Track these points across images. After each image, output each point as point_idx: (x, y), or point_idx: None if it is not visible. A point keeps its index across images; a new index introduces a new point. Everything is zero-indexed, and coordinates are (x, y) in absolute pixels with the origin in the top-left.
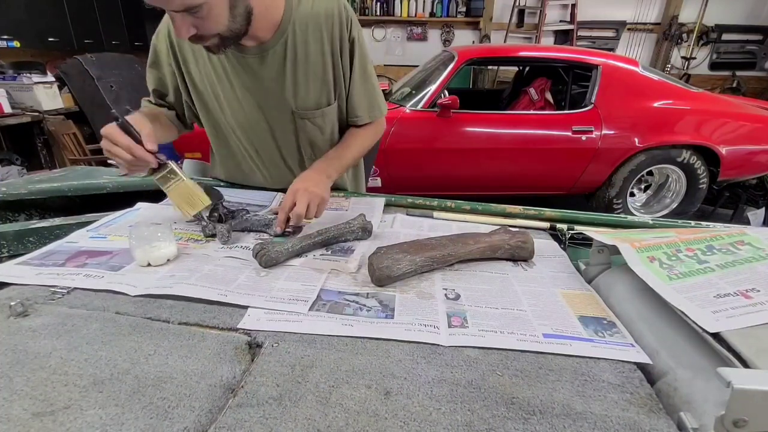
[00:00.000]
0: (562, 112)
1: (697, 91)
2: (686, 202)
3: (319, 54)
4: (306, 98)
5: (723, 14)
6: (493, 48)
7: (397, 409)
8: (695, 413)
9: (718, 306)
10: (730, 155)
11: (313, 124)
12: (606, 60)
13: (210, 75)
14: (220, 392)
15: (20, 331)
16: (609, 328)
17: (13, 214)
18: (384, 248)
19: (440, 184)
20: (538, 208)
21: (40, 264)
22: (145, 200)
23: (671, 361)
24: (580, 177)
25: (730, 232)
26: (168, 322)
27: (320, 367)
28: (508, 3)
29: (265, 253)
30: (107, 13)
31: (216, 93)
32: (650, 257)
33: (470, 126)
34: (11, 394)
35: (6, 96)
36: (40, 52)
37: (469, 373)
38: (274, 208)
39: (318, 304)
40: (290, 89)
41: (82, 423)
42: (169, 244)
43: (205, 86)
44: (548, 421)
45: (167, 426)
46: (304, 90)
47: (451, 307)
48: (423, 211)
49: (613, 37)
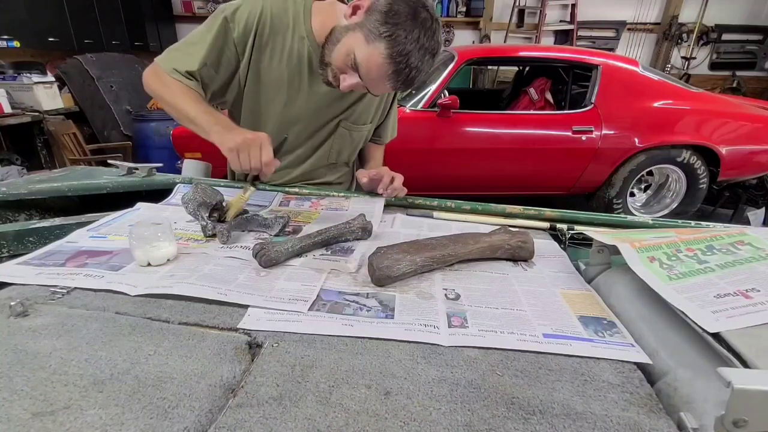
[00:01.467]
0: (562, 112)
1: (697, 91)
2: (686, 202)
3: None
4: (357, 116)
5: (723, 14)
6: (493, 48)
7: (397, 409)
8: (695, 413)
9: (718, 306)
10: (730, 155)
11: (350, 136)
12: (606, 60)
13: (282, 72)
14: (220, 392)
15: (20, 331)
16: (609, 328)
17: (13, 214)
18: (384, 248)
19: (440, 184)
20: (538, 208)
21: (41, 264)
22: (145, 200)
23: (671, 361)
24: (580, 177)
25: (730, 232)
26: (168, 322)
27: (320, 367)
28: (508, 3)
29: (265, 253)
30: (107, 13)
31: (279, 87)
32: (650, 257)
33: (470, 126)
34: (11, 394)
35: (6, 96)
36: (40, 52)
37: (469, 373)
38: (274, 208)
39: (318, 304)
40: (350, 107)
41: (82, 423)
42: (169, 244)
43: (271, 79)
44: (548, 421)
45: (167, 426)
46: (359, 110)
47: (451, 307)
48: (423, 211)
49: (613, 37)
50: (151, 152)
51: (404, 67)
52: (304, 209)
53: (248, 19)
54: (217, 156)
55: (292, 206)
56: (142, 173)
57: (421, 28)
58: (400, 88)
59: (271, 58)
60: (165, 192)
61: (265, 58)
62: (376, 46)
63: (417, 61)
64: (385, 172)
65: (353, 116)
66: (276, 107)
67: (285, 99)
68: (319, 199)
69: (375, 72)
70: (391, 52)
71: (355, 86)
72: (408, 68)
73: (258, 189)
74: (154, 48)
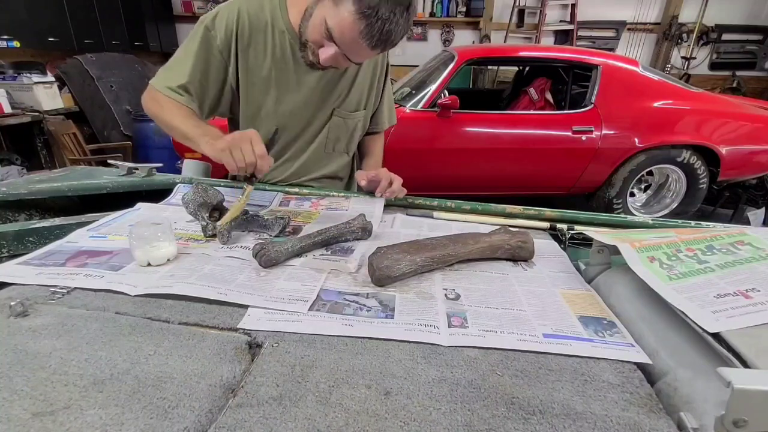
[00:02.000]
0: (562, 112)
1: (697, 91)
2: (686, 202)
3: (370, 68)
4: (350, 103)
5: (723, 14)
6: (493, 48)
7: (397, 409)
8: (695, 413)
9: (718, 306)
10: (730, 155)
11: (345, 123)
12: (606, 60)
13: (269, 69)
14: (220, 392)
15: (20, 331)
16: (609, 328)
17: (13, 214)
18: (384, 248)
19: (440, 184)
20: (538, 208)
21: (41, 264)
22: (145, 200)
23: (671, 361)
24: (580, 177)
25: (730, 232)
26: (168, 322)
27: (320, 367)
28: (508, 3)
29: (265, 253)
30: (107, 13)
31: (268, 85)
32: (650, 257)
33: (470, 126)
34: (11, 394)
35: (6, 96)
36: (40, 52)
37: (469, 373)
38: (274, 209)
39: (318, 304)
40: (342, 94)
41: (82, 423)
42: (169, 244)
43: (259, 78)
44: (548, 421)
45: (167, 426)
46: (351, 96)
47: (451, 307)
48: (423, 211)
49: (613, 37)
50: (151, 152)
51: (375, 20)
52: (304, 209)
53: (227, 25)
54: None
55: (292, 206)
56: (142, 173)
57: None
58: (377, 45)
59: (255, 58)
60: (165, 192)
61: (249, 58)
62: (345, 7)
63: (388, 12)
64: (384, 174)
65: (346, 103)
66: (269, 105)
67: (276, 95)
68: (319, 199)
69: (348, 33)
70: (359, 7)
71: (334, 57)
72: (380, 20)
73: (255, 187)
74: (154, 48)
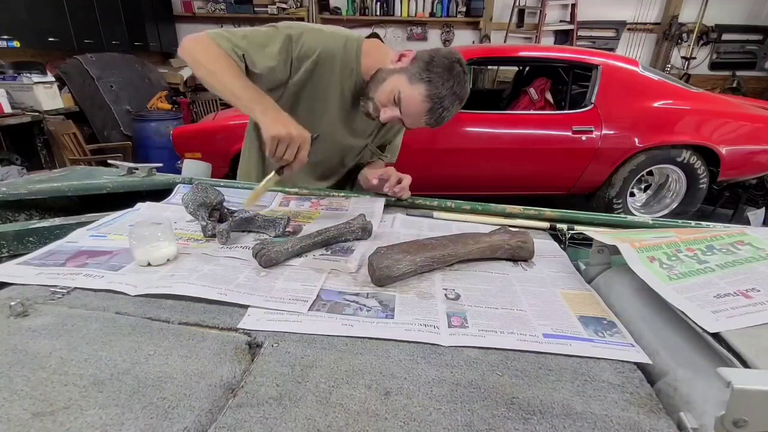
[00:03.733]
0: (562, 112)
1: (697, 91)
2: (686, 202)
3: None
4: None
5: (723, 14)
6: (493, 48)
7: (397, 409)
8: (695, 413)
9: (718, 306)
10: (730, 155)
11: (361, 153)
12: (606, 60)
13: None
14: (220, 392)
15: (20, 331)
16: (609, 328)
17: (13, 214)
18: (384, 248)
19: (440, 184)
20: (538, 208)
21: (41, 264)
22: (145, 200)
23: (671, 361)
24: (580, 177)
25: (730, 232)
26: (168, 322)
27: (320, 367)
28: (508, 3)
29: (265, 253)
30: (107, 13)
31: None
32: (650, 257)
33: (470, 126)
34: (11, 394)
35: (6, 96)
36: (40, 52)
37: (469, 373)
38: (275, 209)
39: (318, 304)
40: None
41: (82, 423)
42: (169, 244)
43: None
44: (548, 421)
45: (167, 426)
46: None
47: (451, 307)
48: (423, 211)
49: (613, 37)
50: (151, 152)
51: (438, 107)
52: (304, 209)
53: (309, 48)
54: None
55: (292, 206)
56: (142, 173)
57: (455, 78)
58: (431, 124)
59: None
60: (165, 192)
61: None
62: (418, 87)
63: (449, 103)
64: (393, 172)
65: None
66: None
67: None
68: (319, 199)
69: (414, 108)
70: (429, 94)
71: (393, 118)
72: (441, 108)
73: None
74: (154, 48)
